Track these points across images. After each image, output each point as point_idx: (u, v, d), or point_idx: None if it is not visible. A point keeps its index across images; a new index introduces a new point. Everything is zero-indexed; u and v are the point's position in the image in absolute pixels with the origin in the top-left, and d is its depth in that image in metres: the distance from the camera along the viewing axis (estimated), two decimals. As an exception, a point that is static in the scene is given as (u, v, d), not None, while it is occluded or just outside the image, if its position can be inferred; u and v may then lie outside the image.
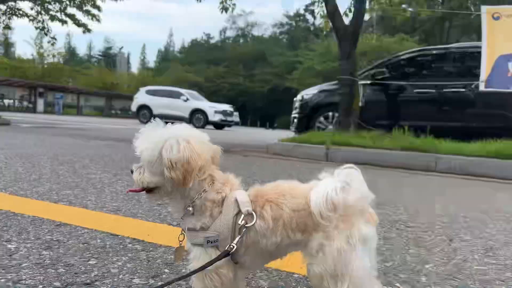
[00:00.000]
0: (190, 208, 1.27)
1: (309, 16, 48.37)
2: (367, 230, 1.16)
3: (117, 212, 2.47)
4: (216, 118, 21.93)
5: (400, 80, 9.07)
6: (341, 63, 8.69)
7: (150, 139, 1.26)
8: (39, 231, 2.00)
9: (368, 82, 9.26)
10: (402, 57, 9.49)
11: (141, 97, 23.02)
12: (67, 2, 14.06)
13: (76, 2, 14.14)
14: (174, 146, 1.23)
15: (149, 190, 1.31)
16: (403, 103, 8.98)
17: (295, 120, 10.08)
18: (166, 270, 1.64)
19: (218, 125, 22.62)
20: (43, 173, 3.67)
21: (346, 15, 10.88)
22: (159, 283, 1.50)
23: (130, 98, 27.69)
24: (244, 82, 42.74)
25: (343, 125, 8.31)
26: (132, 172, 1.32)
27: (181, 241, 1.35)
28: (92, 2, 14.36)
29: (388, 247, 2.12)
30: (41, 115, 29.02)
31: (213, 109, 22.06)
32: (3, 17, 14.03)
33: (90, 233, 2.03)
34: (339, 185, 1.17)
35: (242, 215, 1.24)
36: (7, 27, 15.26)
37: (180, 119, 20.65)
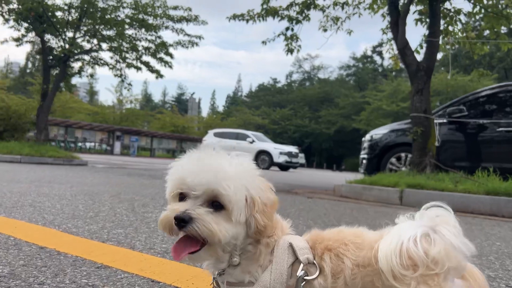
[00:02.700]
0: (237, 258, 0.98)
1: (376, 58, 47.78)
2: None
3: (165, 255, 2.25)
4: (281, 159, 21.76)
5: (481, 118, 8.30)
6: (414, 100, 8.14)
7: (228, 172, 0.94)
8: (76, 274, 1.82)
9: (444, 120, 8.60)
10: (482, 93, 8.74)
11: (209, 139, 23.63)
12: (143, 51, 15.05)
13: (151, 50, 15.08)
14: (259, 183, 0.98)
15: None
16: (485, 143, 8.15)
17: (364, 161, 9.54)
18: (205, 331, 1.35)
19: (283, 167, 22.41)
20: (101, 210, 3.61)
21: (417, 52, 10.39)
22: None
23: (199, 141, 28.64)
24: (309, 124, 42.52)
25: (417, 166, 7.66)
26: (187, 220, 0.91)
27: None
28: (165, 50, 15.24)
29: (490, 315, 1.66)
30: (117, 156, 30.79)
31: (278, 151, 21.97)
32: (87, 67, 15.30)
33: (129, 278, 1.82)
34: (420, 232, 0.84)
35: (301, 265, 0.95)
36: (91, 75, 16.62)
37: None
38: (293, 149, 23.22)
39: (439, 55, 11.87)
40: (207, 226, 0.90)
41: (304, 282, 0.92)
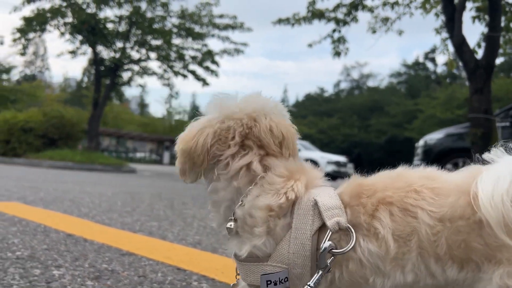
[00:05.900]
0: (231, 224, 0.76)
1: (429, 64, 45.79)
2: None
3: (196, 246, 2.06)
4: (329, 168, 21.12)
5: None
6: (472, 99, 7.53)
7: None
8: (98, 259, 1.67)
9: (507, 123, 7.90)
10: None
11: (255, 148, 23.52)
12: (190, 60, 15.27)
13: (197, 59, 15.27)
14: None
15: None
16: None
17: (418, 168, 8.98)
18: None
19: (331, 176, 21.78)
20: (139, 206, 3.50)
21: (475, 52, 9.71)
22: None
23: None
24: (358, 133, 41.35)
25: (477, 171, 7.04)
26: None
27: (238, 275, 0.84)
28: (211, 59, 15.37)
29: None
30: (166, 166, 31.45)
31: (326, 160, 21.36)
32: (136, 76, 15.74)
33: (153, 265, 1.64)
34: None
35: (328, 233, 0.68)
36: (142, 86, 17.15)
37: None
38: (341, 158, 22.53)
39: (499, 60, 11.02)
40: None
41: (332, 257, 0.67)
